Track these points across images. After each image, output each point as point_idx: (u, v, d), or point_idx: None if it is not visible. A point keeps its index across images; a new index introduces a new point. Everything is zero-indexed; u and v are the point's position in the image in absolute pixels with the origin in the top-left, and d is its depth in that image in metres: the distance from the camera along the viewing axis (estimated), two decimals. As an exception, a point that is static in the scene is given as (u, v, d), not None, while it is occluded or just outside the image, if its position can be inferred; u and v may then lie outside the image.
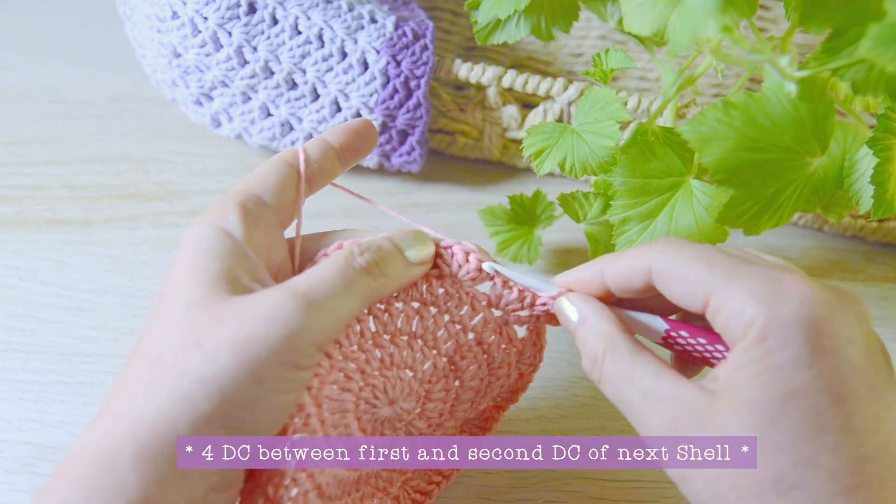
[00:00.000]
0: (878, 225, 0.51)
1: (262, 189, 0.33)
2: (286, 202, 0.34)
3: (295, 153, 0.35)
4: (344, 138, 0.36)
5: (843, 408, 0.26)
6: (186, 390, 0.27)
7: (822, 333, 0.27)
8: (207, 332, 0.27)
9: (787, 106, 0.31)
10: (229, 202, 0.32)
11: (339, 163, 0.36)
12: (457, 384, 0.36)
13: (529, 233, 0.49)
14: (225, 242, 0.30)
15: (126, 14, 0.57)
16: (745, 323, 0.27)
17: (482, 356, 0.36)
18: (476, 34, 0.46)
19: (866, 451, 0.26)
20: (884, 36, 0.27)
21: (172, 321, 0.28)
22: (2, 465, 0.41)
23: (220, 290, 0.29)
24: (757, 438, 0.26)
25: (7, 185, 0.55)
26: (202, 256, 0.29)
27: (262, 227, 0.32)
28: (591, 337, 0.32)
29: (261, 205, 0.32)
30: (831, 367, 0.27)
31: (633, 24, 0.33)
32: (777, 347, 0.27)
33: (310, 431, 0.30)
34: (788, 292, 0.27)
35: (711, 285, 0.29)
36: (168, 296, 0.29)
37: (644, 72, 0.61)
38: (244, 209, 0.31)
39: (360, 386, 0.32)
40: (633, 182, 0.38)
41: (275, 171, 0.34)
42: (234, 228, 0.30)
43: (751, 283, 0.28)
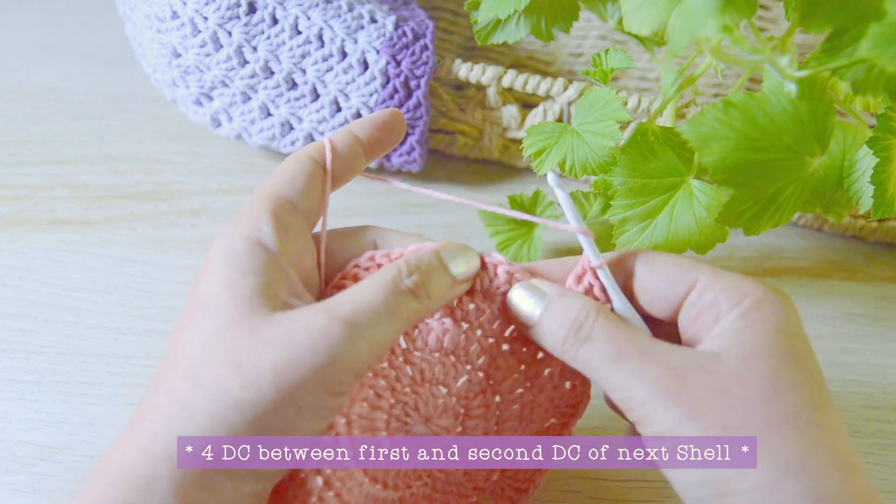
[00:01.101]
0: (878, 225, 0.51)
1: (292, 192, 0.32)
2: (314, 203, 0.33)
3: (320, 147, 0.33)
4: (371, 132, 0.35)
5: (826, 396, 0.29)
6: (224, 415, 0.27)
7: (795, 317, 0.30)
8: (248, 355, 0.27)
9: (787, 106, 0.31)
10: (261, 209, 0.30)
11: (364, 157, 0.35)
12: (497, 399, 0.35)
13: (529, 233, 0.49)
14: (261, 256, 0.29)
15: (126, 14, 0.57)
16: (739, 295, 0.30)
17: (519, 367, 0.35)
18: (476, 34, 0.46)
19: (852, 448, 0.30)
20: (884, 36, 0.27)
21: (210, 338, 0.28)
22: (2, 465, 0.41)
23: (259, 308, 0.28)
24: (769, 381, 0.28)
25: (7, 185, 0.55)
26: (238, 271, 0.29)
27: (294, 234, 0.31)
28: (574, 302, 0.31)
29: (291, 210, 0.31)
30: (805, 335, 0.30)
31: (633, 24, 0.33)
32: (774, 314, 0.29)
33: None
34: (766, 285, 0.31)
35: (699, 270, 0.31)
36: (204, 309, 0.28)
37: (644, 72, 0.61)
38: (277, 218, 0.30)
39: (390, 403, 0.32)
40: (633, 182, 0.38)
41: (302, 170, 0.32)
42: (268, 239, 0.30)
43: (735, 275, 0.31)
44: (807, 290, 0.51)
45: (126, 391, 0.44)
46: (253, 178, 0.56)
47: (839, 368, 0.46)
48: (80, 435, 0.42)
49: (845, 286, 0.51)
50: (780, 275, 0.51)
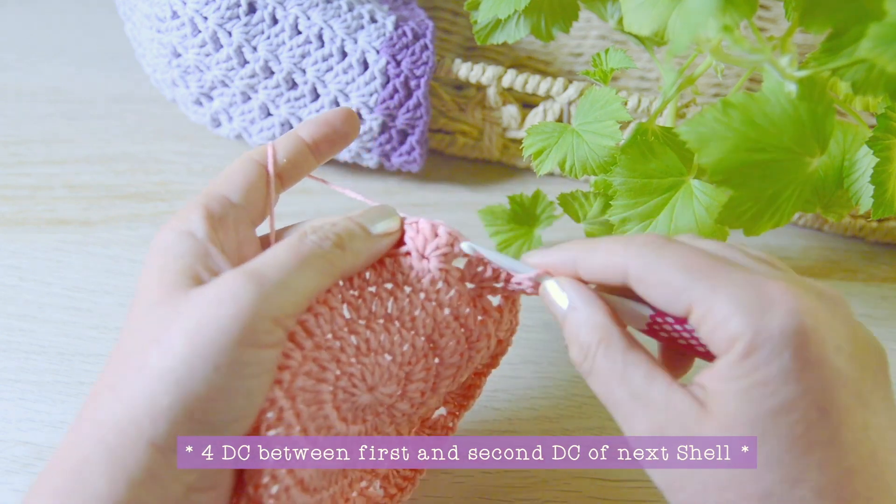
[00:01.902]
0: (877, 225, 0.51)
1: (229, 189, 0.33)
2: (257, 200, 0.34)
3: (263, 151, 0.34)
4: (315, 131, 0.35)
5: (831, 420, 0.26)
6: (146, 387, 0.26)
7: (809, 345, 0.26)
8: (164, 327, 0.27)
9: (786, 106, 0.31)
10: (192, 205, 0.32)
11: (312, 157, 0.36)
12: (437, 361, 0.35)
13: (529, 233, 0.49)
14: (186, 243, 0.30)
15: (126, 14, 0.57)
16: (729, 335, 0.27)
17: (460, 330, 0.35)
18: (476, 34, 0.46)
19: (853, 463, 0.26)
20: (884, 36, 0.27)
21: (137, 323, 0.28)
22: (2, 465, 0.41)
23: (180, 287, 0.28)
24: (756, 439, 0.26)
25: (7, 185, 0.55)
26: (165, 259, 0.30)
27: (231, 226, 0.32)
28: (583, 327, 0.30)
29: (227, 204, 0.32)
30: (818, 378, 0.26)
31: (633, 23, 0.33)
32: (764, 362, 0.26)
33: (285, 425, 0.29)
34: (774, 303, 0.26)
35: (694, 294, 0.28)
36: (137, 297, 0.29)
37: (644, 72, 0.61)
38: (207, 210, 0.31)
39: (336, 375, 0.32)
40: (633, 182, 0.38)
41: (241, 170, 0.34)
42: (196, 229, 0.30)
43: (735, 292, 0.27)
44: (807, 290, 0.51)
45: (126, 391, 0.44)
46: (253, 178, 0.56)
47: (839, 368, 0.46)
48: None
49: (845, 286, 0.51)
50: (780, 275, 0.51)
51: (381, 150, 0.53)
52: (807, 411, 0.26)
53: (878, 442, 0.27)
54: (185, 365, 0.26)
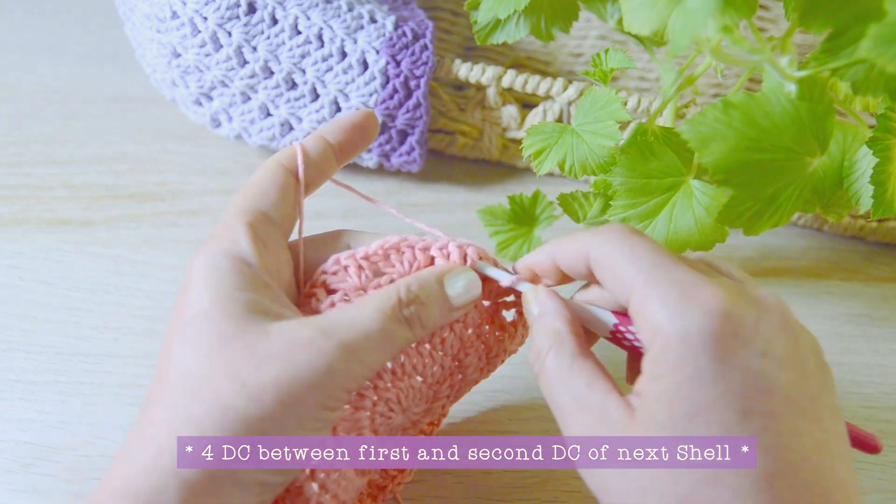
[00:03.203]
0: (877, 225, 0.51)
1: (267, 203, 0.32)
2: (289, 212, 0.33)
3: (291, 155, 0.34)
4: (342, 135, 0.35)
5: (751, 424, 0.26)
6: (231, 429, 0.27)
7: (728, 348, 0.26)
8: (249, 372, 0.28)
9: (786, 106, 0.31)
10: (238, 224, 0.31)
11: (335, 161, 0.35)
12: (460, 378, 0.37)
13: (529, 233, 0.49)
14: (245, 272, 0.30)
15: (126, 14, 0.57)
16: (652, 330, 0.27)
17: (481, 347, 0.36)
18: (476, 34, 0.46)
19: (776, 468, 0.26)
20: (884, 36, 0.27)
21: (207, 353, 0.28)
22: (2, 465, 0.41)
23: (252, 324, 0.29)
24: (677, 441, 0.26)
25: (7, 185, 0.55)
26: (225, 288, 0.29)
27: (272, 247, 0.32)
28: (541, 332, 0.31)
29: (268, 222, 0.32)
30: (739, 382, 0.26)
31: (633, 24, 0.33)
32: (681, 362, 0.26)
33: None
34: (699, 304, 0.27)
35: (633, 285, 0.28)
36: (195, 326, 0.29)
37: (644, 72, 0.61)
38: (254, 232, 0.31)
39: (373, 401, 0.32)
40: (632, 182, 0.38)
41: (275, 180, 0.33)
42: (248, 255, 0.30)
43: (666, 290, 0.27)
44: (807, 290, 0.51)
45: (126, 391, 0.44)
46: (253, 178, 0.56)
47: (839, 368, 0.46)
48: (80, 435, 0.42)
49: (845, 286, 0.51)
50: (780, 275, 0.51)
51: (380, 150, 0.53)
52: (723, 414, 0.26)
53: (812, 449, 0.26)
54: (273, 417, 0.28)
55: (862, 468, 0.42)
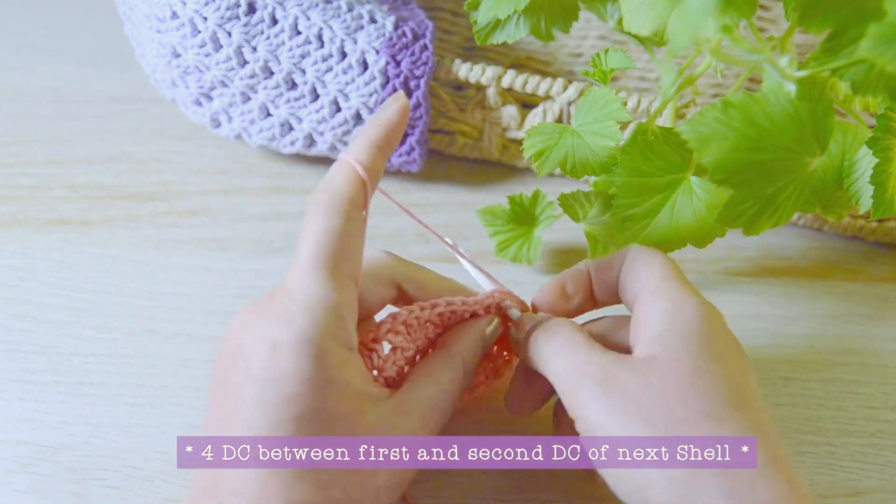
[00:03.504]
0: (877, 225, 0.51)
1: (355, 263, 0.32)
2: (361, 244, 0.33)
3: (358, 186, 0.31)
4: (391, 135, 0.33)
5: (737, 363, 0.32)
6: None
7: (719, 331, 0.32)
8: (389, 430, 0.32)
9: (786, 106, 0.31)
10: (330, 313, 0.30)
11: (384, 162, 0.34)
12: (467, 399, 0.39)
13: (529, 233, 0.49)
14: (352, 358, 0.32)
15: (126, 14, 0.57)
16: (662, 301, 0.32)
17: (490, 367, 0.39)
18: (475, 34, 0.46)
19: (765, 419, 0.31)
20: (884, 36, 0.27)
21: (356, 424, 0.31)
22: (2, 465, 0.41)
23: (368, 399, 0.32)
24: (688, 382, 0.30)
25: (7, 185, 0.55)
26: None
27: (348, 295, 0.31)
28: (535, 318, 0.36)
29: (346, 274, 0.31)
30: (732, 340, 0.32)
31: (633, 24, 0.33)
32: (694, 317, 0.32)
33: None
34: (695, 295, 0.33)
35: (647, 283, 0.34)
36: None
37: (644, 72, 0.61)
38: (347, 302, 0.31)
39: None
40: (633, 181, 0.38)
41: (358, 235, 0.32)
42: (346, 343, 0.31)
43: (673, 282, 0.34)
44: (807, 290, 0.51)
45: (126, 391, 0.44)
46: (253, 178, 0.56)
47: (839, 368, 0.46)
48: (80, 435, 0.42)
49: (845, 286, 0.51)
50: (780, 275, 0.51)
51: (380, 150, 0.53)
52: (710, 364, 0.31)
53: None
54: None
55: (862, 468, 0.42)
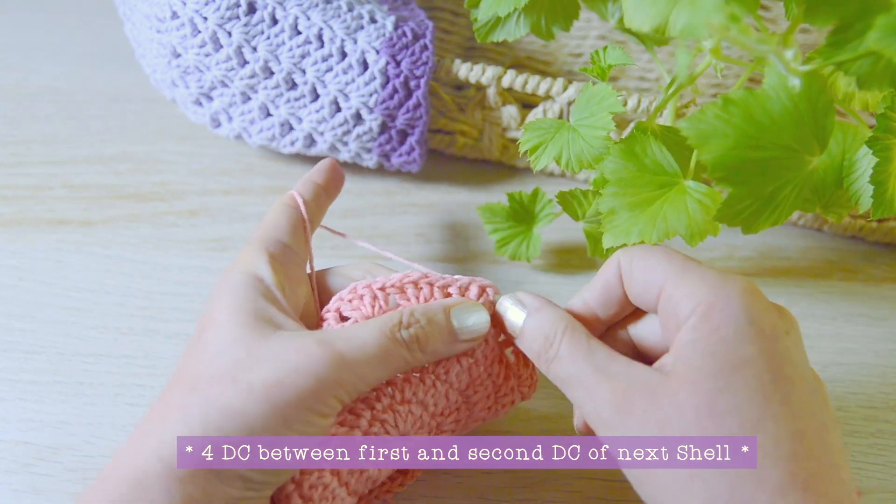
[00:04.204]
0: (877, 225, 0.51)
1: (280, 233, 0.37)
2: (301, 242, 0.38)
3: (292, 198, 0.39)
4: (325, 176, 0.42)
5: (783, 385, 0.28)
6: (215, 418, 0.29)
7: (762, 318, 0.29)
8: (242, 370, 0.30)
9: (786, 104, 0.31)
10: (256, 250, 0.35)
11: (327, 197, 0.41)
12: (466, 414, 0.37)
13: (528, 231, 0.49)
14: (257, 286, 0.33)
15: (126, 14, 0.57)
16: (693, 304, 0.30)
17: (491, 386, 0.37)
18: (476, 32, 0.46)
19: (804, 426, 0.28)
20: (891, 27, 0.27)
21: (210, 355, 0.31)
22: (2, 465, 0.41)
23: (255, 330, 0.31)
24: (706, 405, 0.28)
25: (7, 185, 0.55)
26: (237, 299, 0.32)
27: (289, 269, 0.35)
28: (547, 321, 0.33)
29: (282, 246, 0.36)
30: (771, 347, 0.29)
31: (634, 20, 0.33)
32: (722, 323, 0.29)
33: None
34: (733, 281, 0.30)
35: (668, 273, 0.31)
36: (206, 332, 0.32)
37: (644, 71, 0.61)
38: (271, 256, 0.35)
39: (368, 421, 0.33)
40: (624, 172, 0.37)
41: (284, 214, 0.38)
42: (264, 274, 0.34)
43: (701, 274, 0.30)
44: (807, 290, 0.50)
45: (126, 391, 0.44)
46: (253, 178, 0.56)
47: (839, 368, 0.46)
48: (80, 435, 0.42)
49: (845, 286, 0.51)
50: (780, 275, 0.51)
51: (380, 150, 0.53)
52: (761, 371, 0.28)
53: (825, 423, 0.29)
54: (256, 413, 0.29)
55: (862, 468, 0.42)
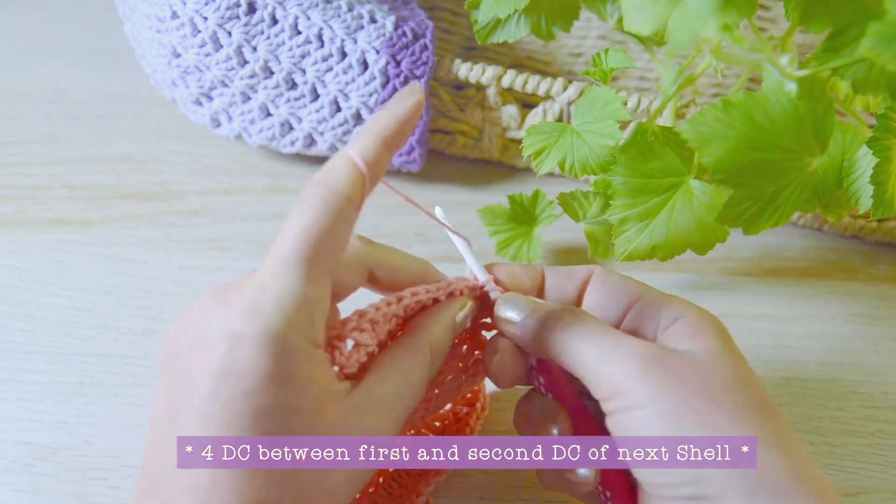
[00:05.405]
0: (877, 225, 0.51)
1: (336, 263, 0.29)
2: (341, 243, 0.29)
3: (357, 181, 0.29)
4: (398, 135, 0.30)
5: (767, 409, 0.30)
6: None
7: (734, 346, 0.32)
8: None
9: (786, 106, 0.31)
10: (294, 274, 0.27)
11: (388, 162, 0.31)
12: (437, 392, 0.36)
13: (529, 232, 0.49)
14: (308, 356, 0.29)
15: (126, 14, 0.57)
16: (679, 310, 0.32)
17: (458, 367, 0.37)
18: (476, 33, 0.46)
19: (783, 423, 0.30)
20: (884, 34, 0.27)
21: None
22: (2, 465, 0.41)
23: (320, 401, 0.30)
24: (734, 374, 0.30)
25: (7, 185, 0.55)
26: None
27: (322, 282, 0.29)
28: (553, 305, 0.33)
29: (322, 261, 0.28)
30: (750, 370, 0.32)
31: (633, 23, 0.33)
32: (713, 326, 0.32)
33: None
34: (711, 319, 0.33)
35: (645, 288, 0.34)
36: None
37: (644, 72, 0.61)
38: (311, 280, 0.28)
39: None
40: (632, 182, 0.38)
41: (344, 228, 0.29)
42: (313, 334, 0.29)
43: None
44: (807, 290, 0.51)
45: (126, 391, 0.44)
46: (253, 178, 0.56)
47: (839, 368, 0.46)
48: (80, 435, 0.42)
49: (845, 286, 0.51)
50: (780, 275, 0.51)
51: (380, 150, 0.53)
52: (744, 365, 0.31)
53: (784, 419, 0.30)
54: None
55: (862, 468, 0.42)
